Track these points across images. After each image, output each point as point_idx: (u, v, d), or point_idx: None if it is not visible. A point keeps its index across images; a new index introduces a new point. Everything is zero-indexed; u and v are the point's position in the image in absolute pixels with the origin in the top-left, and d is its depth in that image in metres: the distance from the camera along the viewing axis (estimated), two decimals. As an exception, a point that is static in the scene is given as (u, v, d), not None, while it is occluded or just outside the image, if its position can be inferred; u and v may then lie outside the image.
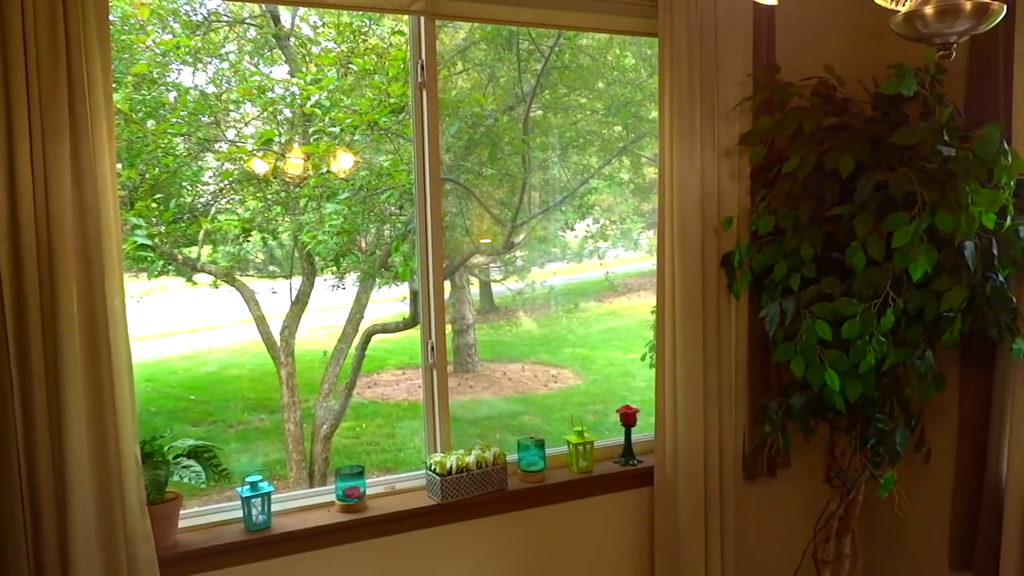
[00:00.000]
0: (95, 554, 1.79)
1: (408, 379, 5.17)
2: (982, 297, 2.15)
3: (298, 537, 2.10)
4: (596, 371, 5.70)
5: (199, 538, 2.05)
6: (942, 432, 2.52)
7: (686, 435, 2.44)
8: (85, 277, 1.78)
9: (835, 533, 2.50)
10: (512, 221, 4.18)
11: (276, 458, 4.32)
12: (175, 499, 2.00)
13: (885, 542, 2.78)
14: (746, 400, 2.56)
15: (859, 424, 2.34)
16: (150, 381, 4.89)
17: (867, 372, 2.14)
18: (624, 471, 2.55)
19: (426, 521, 2.27)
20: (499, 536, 2.39)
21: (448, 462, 2.28)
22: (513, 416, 5.08)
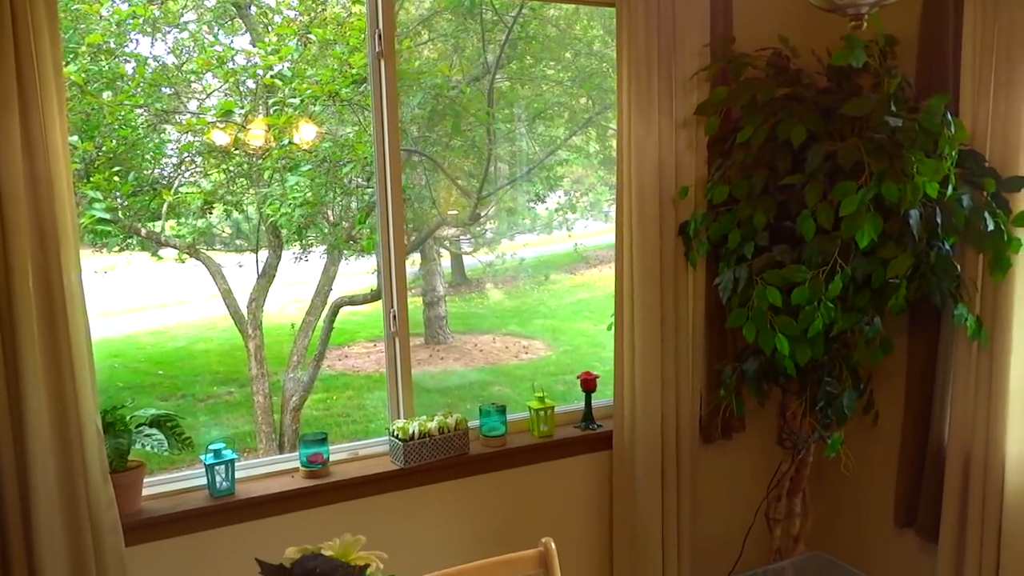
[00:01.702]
0: (58, 521, 1.81)
1: (379, 351, 5.19)
2: (927, 265, 2.22)
3: (262, 502, 2.14)
4: (566, 342, 5.77)
5: (163, 505, 2.08)
6: (890, 395, 2.61)
7: (644, 400, 2.51)
8: (40, 250, 1.78)
9: (786, 493, 2.59)
10: (478, 192, 4.20)
11: (246, 430, 4.34)
12: (138, 467, 2.03)
13: (834, 501, 2.89)
14: (702, 366, 2.63)
15: (809, 387, 2.42)
16: (117, 357, 4.87)
17: (816, 337, 2.21)
18: (584, 435, 2.61)
19: (389, 485, 2.32)
20: (461, 499, 2.45)
21: (411, 428, 2.32)
22: (483, 386, 5.14)
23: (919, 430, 2.49)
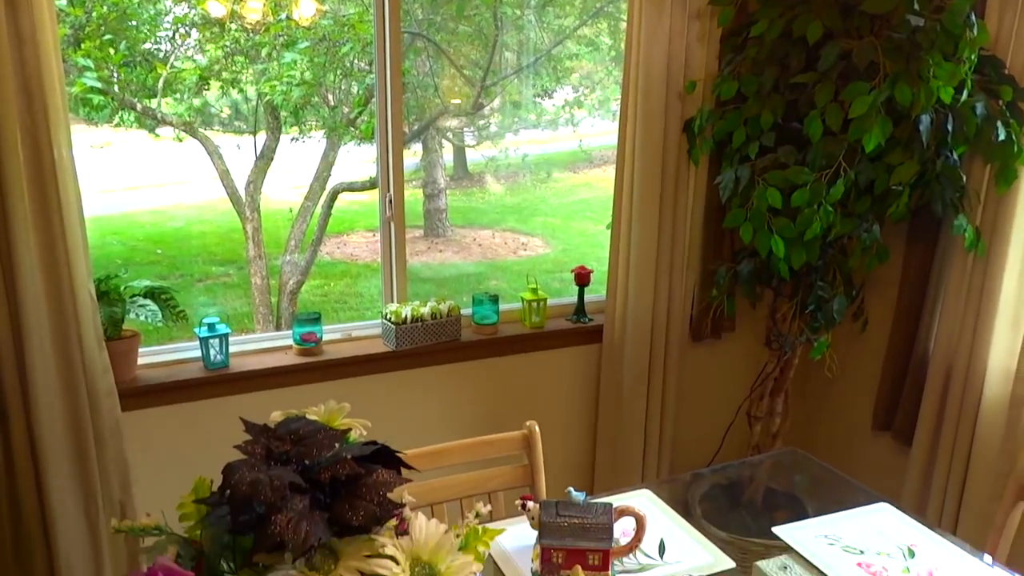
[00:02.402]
0: (55, 384, 1.85)
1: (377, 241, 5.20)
2: (932, 173, 2.19)
3: (255, 376, 2.19)
4: (565, 241, 5.76)
5: (158, 374, 2.13)
6: (881, 303, 2.63)
7: (636, 296, 2.52)
8: (28, 114, 1.74)
9: (769, 392, 2.65)
10: (482, 82, 4.09)
11: (244, 312, 4.40)
12: (133, 336, 2.06)
13: (815, 403, 2.96)
14: (697, 265, 2.63)
15: (801, 291, 2.44)
16: (116, 235, 4.88)
17: (813, 241, 2.20)
18: (575, 328, 2.64)
19: (381, 366, 2.37)
20: (451, 383, 2.50)
21: (403, 312, 2.35)
22: (480, 280, 5.17)
23: (905, 338, 2.52)
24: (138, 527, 0.73)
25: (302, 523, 0.68)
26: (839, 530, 1.52)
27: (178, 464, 2.14)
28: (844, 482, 1.76)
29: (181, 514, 0.80)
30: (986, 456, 2.21)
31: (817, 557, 1.43)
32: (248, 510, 0.70)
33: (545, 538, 1.36)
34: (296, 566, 0.69)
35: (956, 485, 2.29)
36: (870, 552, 1.45)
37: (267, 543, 0.67)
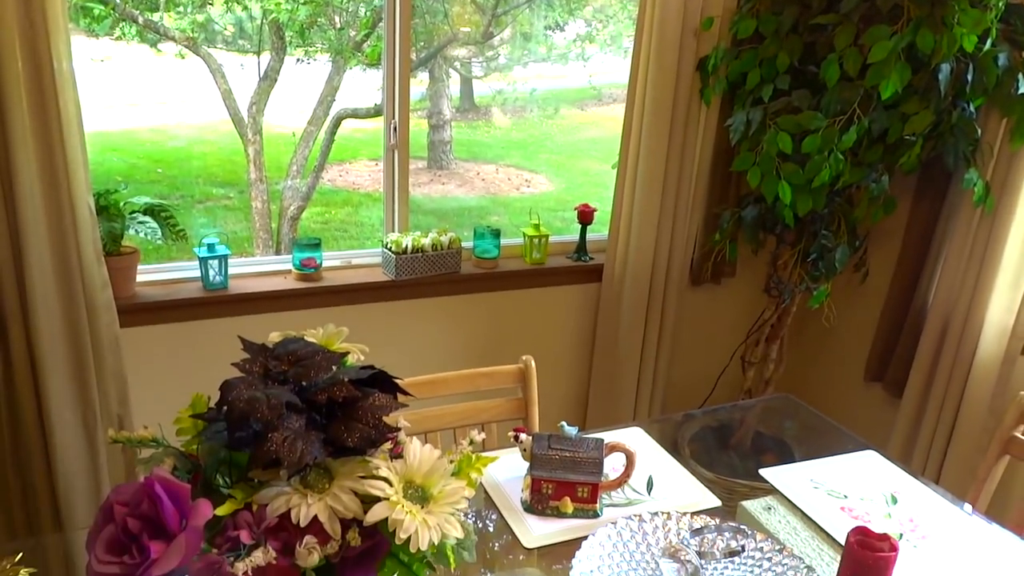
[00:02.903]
0: (53, 297, 1.85)
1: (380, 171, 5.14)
2: (947, 124, 2.15)
3: (254, 299, 2.19)
4: (569, 179, 5.71)
5: (157, 292, 2.13)
6: (883, 255, 2.62)
7: (638, 237, 2.51)
8: (26, 19, 1.69)
9: (765, 339, 2.66)
10: (493, 10, 3.99)
11: (243, 236, 4.38)
12: (132, 253, 2.06)
13: (810, 351, 2.98)
14: (701, 208, 2.61)
15: (804, 239, 2.42)
16: (116, 151, 4.82)
17: (820, 188, 2.18)
18: (575, 266, 2.64)
19: (380, 295, 2.37)
20: (449, 315, 2.51)
21: (404, 241, 2.34)
22: (482, 214, 5.14)
23: (905, 291, 2.52)
24: (135, 439, 0.74)
25: (298, 442, 0.68)
26: (824, 475, 1.55)
27: (175, 382, 2.16)
28: (833, 429, 1.78)
29: (178, 429, 0.80)
30: (975, 410, 2.24)
31: (801, 500, 1.46)
32: (245, 427, 0.70)
33: (536, 470, 1.38)
34: (291, 483, 0.70)
35: (943, 437, 2.33)
36: (853, 497, 1.48)
37: (263, 460, 0.68)
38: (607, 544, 1.25)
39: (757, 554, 1.24)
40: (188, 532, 0.62)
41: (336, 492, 0.70)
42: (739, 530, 1.24)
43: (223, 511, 0.67)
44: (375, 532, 0.71)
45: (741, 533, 1.24)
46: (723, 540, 1.23)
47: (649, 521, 1.29)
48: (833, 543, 1.33)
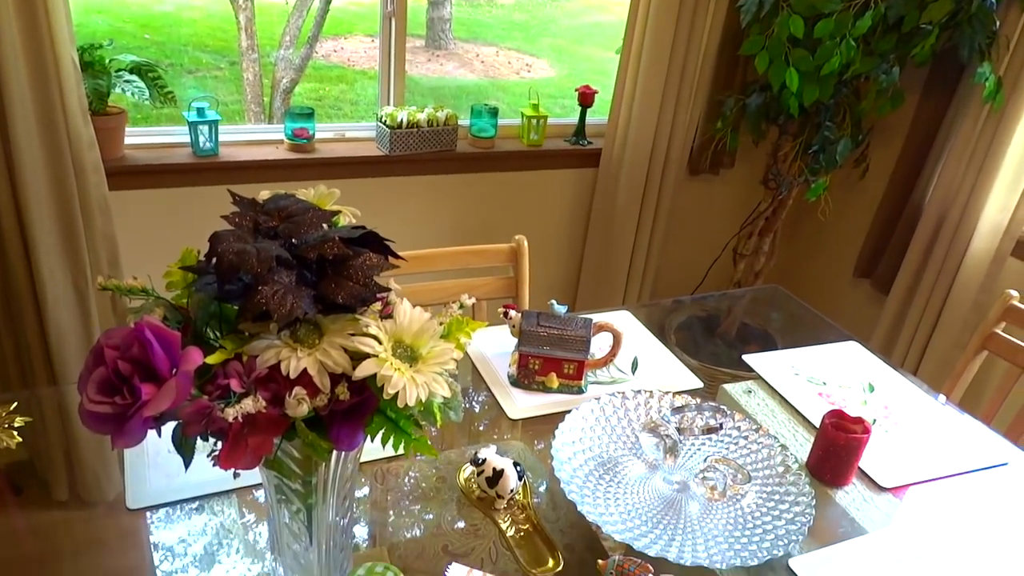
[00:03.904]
0: (39, 154, 1.81)
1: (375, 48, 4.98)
2: (965, 14, 2.07)
3: (245, 167, 2.16)
4: (571, 65, 5.55)
5: (146, 156, 2.09)
6: (885, 151, 2.59)
7: (639, 122, 2.45)
8: None
9: (758, 232, 2.66)
10: None
11: (235, 109, 4.27)
12: (120, 114, 2.00)
13: (802, 246, 2.98)
14: (705, 94, 2.55)
15: (807, 130, 2.38)
16: (101, 13, 4.62)
17: (828, 77, 2.12)
18: (573, 150, 2.60)
19: (373, 170, 2.34)
20: (443, 194, 2.48)
21: (399, 116, 2.28)
22: (479, 96, 5.01)
23: (903, 188, 2.51)
24: (124, 287, 0.74)
25: (288, 296, 0.68)
26: (805, 362, 1.58)
27: (166, 247, 2.15)
28: (819, 321, 1.81)
29: (168, 282, 0.80)
30: (959, 307, 2.27)
31: (781, 384, 1.49)
32: (234, 280, 0.70)
33: (524, 345, 1.40)
34: (281, 337, 0.71)
35: (925, 332, 2.37)
36: (832, 384, 1.52)
37: (252, 312, 0.68)
38: (589, 418, 1.28)
39: (734, 432, 1.28)
40: (179, 377, 0.62)
41: (326, 348, 0.71)
42: (718, 410, 1.27)
43: (213, 360, 0.68)
44: (364, 388, 0.72)
45: (720, 412, 1.27)
46: (702, 419, 1.26)
47: (632, 398, 1.32)
48: (809, 426, 1.38)
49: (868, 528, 1.15)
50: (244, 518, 1.06)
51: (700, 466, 1.20)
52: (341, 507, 0.88)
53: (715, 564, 1.00)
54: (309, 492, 0.83)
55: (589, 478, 1.17)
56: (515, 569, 1.01)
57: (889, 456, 1.31)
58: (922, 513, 1.20)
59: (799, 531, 1.06)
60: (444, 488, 1.14)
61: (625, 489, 1.17)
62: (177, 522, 1.04)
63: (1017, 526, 1.19)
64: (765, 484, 1.18)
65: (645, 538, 1.05)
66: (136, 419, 0.61)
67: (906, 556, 1.10)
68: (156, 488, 1.08)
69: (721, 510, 1.14)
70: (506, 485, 1.09)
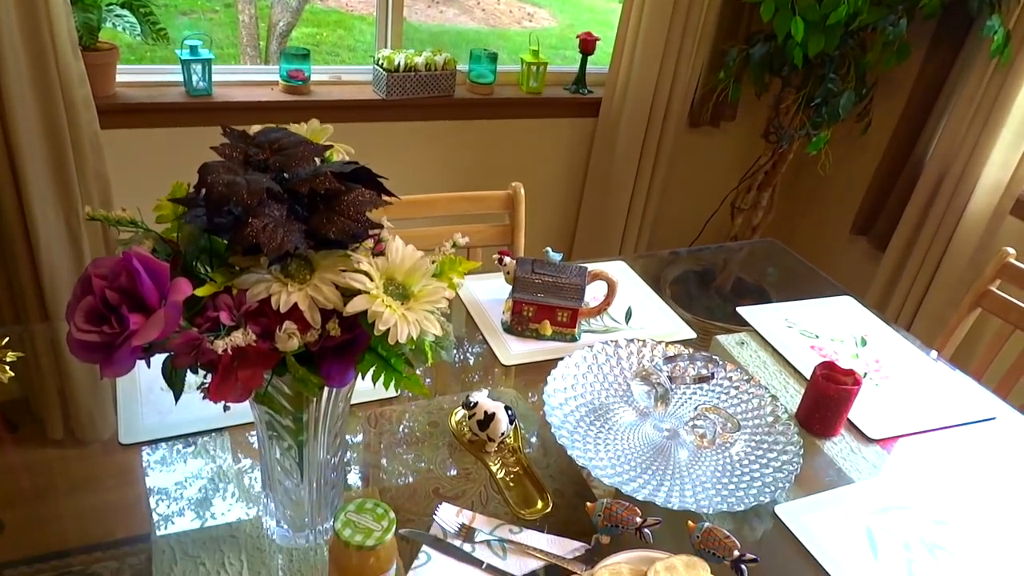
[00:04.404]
0: (28, 89, 1.78)
1: (374, -11, 4.87)
2: (977, -35, 2.03)
3: (239, 108, 2.12)
4: (574, 16, 5.44)
5: (139, 94, 2.05)
6: (888, 108, 2.55)
7: (640, 72, 2.41)
8: None
9: (757, 186, 2.64)
10: None
11: (230, 53, 4.19)
12: (111, 50, 1.96)
13: (800, 202, 2.97)
14: (708, 44, 2.50)
15: (811, 83, 2.34)
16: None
17: (835, 27, 2.08)
18: (573, 98, 2.56)
19: (369, 115, 2.30)
20: (441, 140, 2.45)
21: (396, 59, 2.24)
22: (479, 44, 4.93)
23: (905, 144, 2.48)
24: (113, 217, 0.72)
25: (278, 229, 0.67)
26: (799, 315, 1.58)
27: (158, 188, 2.10)
28: (814, 277, 1.80)
29: (158, 216, 0.79)
30: (955, 265, 2.27)
31: (774, 336, 1.50)
32: (223, 212, 0.69)
33: (518, 292, 1.40)
34: (271, 272, 0.70)
35: (919, 290, 2.37)
36: (824, 337, 1.52)
37: (242, 244, 0.67)
38: (582, 365, 1.28)
39: (725, 382, 1.29)
40: (167, 307, 0.62)
41: (317, 283, 0.70)
42: (710, 359, 1.27)
43: (203, 292, 0.67)
44: (355, 325, 0.72)
45: (712, 363, 1.27)
46: (694, 368, 1.26)
47: (624, 347, 1.33)
48: (800, 378, 1.39)
49: (855, 478, 1.16)
50: (240, 463, 1.07)
51: (690, 414, 1.20)
52: (332, 445, 0.89)
53: (702, 509, 1.01)
54: (300, 429, 0.84)
55: (580, 424, 1.18)
56: (505, 512, 1.02)
57: (878, 409, 1.32)
58: (909, 464, 1.21)
59: (786, 479, 1.08)
60: (436, 433, 1.15)
61: (615, 435, 1.18)
62: (173, 464, 1.05)
63: (1002, 478, 1.20)
64: (754, 433, 1.19)
65: (634, 483, 1.06)
66: (124, 349, 0.61)
67: (891, 505, 1.12)
68: (149, 424, 1.09)
69: (710, 457, 1.15)
70: (497, 428, 1.10)
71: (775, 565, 1.00)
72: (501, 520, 1.00)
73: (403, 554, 0.93)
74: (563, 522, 1.01)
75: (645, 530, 0.97)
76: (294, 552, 0.93)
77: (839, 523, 1.07)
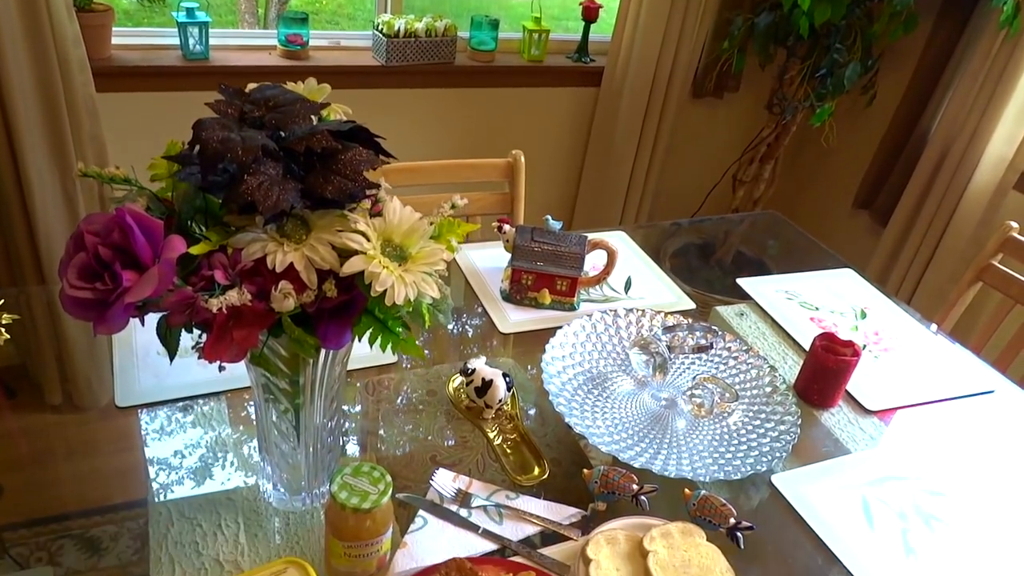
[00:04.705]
0: (23, 51, 1.75)
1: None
2: (988, -66, 1.99)
3: (236, 73, 2.09)
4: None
5: (134, 57, 2.02)
6: (893, 80, 2.52)
7: (643, 40, 2.38)
8: None
9: (760, 158, 2.62)
10: None
11: (229, 20, 4.14)
12: (106, 11, 1.93)
13: (802, 175, 2.95)
14: (713, 13, 2.47)
15: (816, 53, 2.31)
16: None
17: (841, -4, 2.05)
18: (575, 67, 2.53)
19: (370, 81, 2.27)
20: (440, 108, 2.43)
21: (396, 24, 2.21)
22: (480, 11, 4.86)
23: (910, 117, 2.46)
24: (106, 174, 0.71)
25: (274, 187, 0.66)
26: (799, 287, 1.57)
27: (154, 153, 2.11)
28: (815, 248, 1.79)
29: (152, 175, 0.78)
30: (957, 239, 2.26)
31: (773, 308, 1.49)
32: (218, 169, 0.68)
33: (517, 260, 1.39)
34: (267, 231, 0.69)
35: (920, 264, 2.37)
36: (825, 310, 1.51)
37: (237, 203, 0.66)
38: (581, 334, 1.28)
39: (724, 352, 1.28)
40: (161, 264, 0.61)
41: (313, 243, 0.69)
42: (710, 330, 1.27)
43: (198, 250, 0.66)
44: (352, 287, 0.71)
45: (711, 333, 1.27)
46: (693, 338, 1.26)
47: (624, 316, 1.32)
48: (799, 349, 1.38)
49: (852, 449, 1.16)
50: (238, 432, 1.06)
51: (688, 384, 1.20)
52: (328, 409, 0.88)
53: (699, 477, 1.01)
54: (296, 392, 0.83)
55: (578, 392, 1.17)
56: (502, 480, 1.02)
57: (877, 380, 1.32)
58: (906, 436, 1.21)
59: (783, 449, 1.07)
60: (434, 402, 1.15)
61: (613, 404, 1.18)
62: (173, 433, 1.04)
63: (999, 451, 1.20)
64: (752, 403, 1.19)
65: (631, 451, 1.06)
66: (118, 306, 0.60)
67: (888, 475, 1.12)
68: (145, 387, 1.08)
69: (707, 427, 1.15)
70: (494, 395, 1.09)
71: (771, 534, 1.00)
72: (498, 486, 1.00)
73: (400, 519, 0.93)
74: (559, 491, 1.01)
75: (641, 497, 0.97)
76: (291, 516, 0.93)
77: (835, 493, 1.07)
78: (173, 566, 0.85)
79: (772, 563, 0.96)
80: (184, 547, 0.87)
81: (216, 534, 0.89)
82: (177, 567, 0.85)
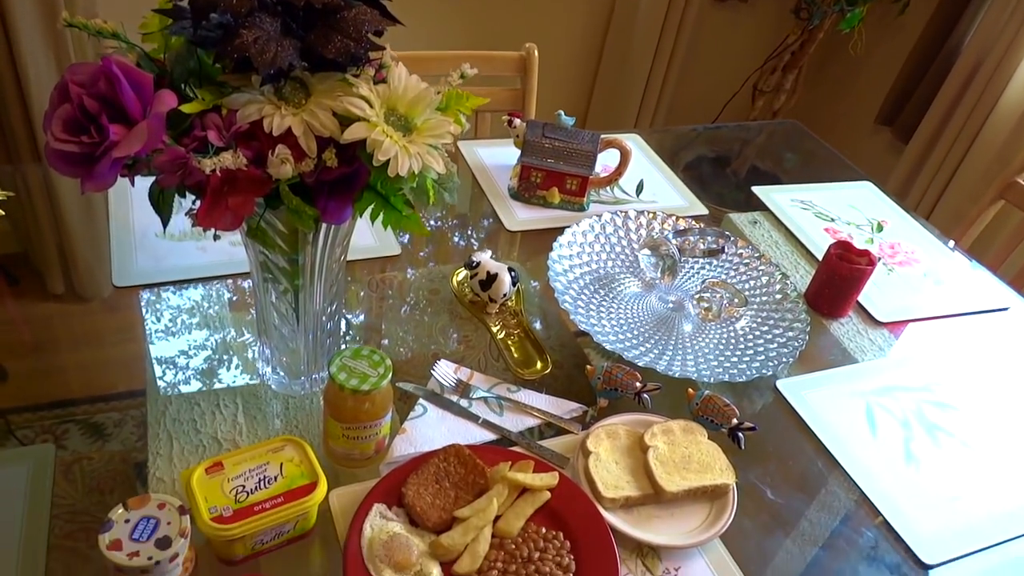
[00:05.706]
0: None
1: None
2: None
3: None
4: None
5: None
6: (929, -10, 2.40)
7: (669, -67, 2.26)
8: None
9: (783, 67, 2.52)
10: None
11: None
12: None
13: (824, 87, 2.84)
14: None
15: (851, -45, 2.19)
16: None
17: None
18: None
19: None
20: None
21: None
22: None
23: (942, 29, 2.35)
24: (93, 26, 0.66)
25: (271, 44, 0.62)
26: (816, 198, 1.53)
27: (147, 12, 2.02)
28: (834, 160, 1.73)
29: (144, 35, 0.73)
30: (982, 157, 2.19)
31: (787, 217, 1.45)
32: (211, 22, 0.63)
33: (527, 156, 1.34)
34: (264, 92, 0.65)
35: (941, 182, 2.30)
36: (841, 221, 1.47)
37: (231, 57, 0.61)
38: (589, 234, 1.25)
39: (735, 258, 1.25)
40: (150, 119, 0.57)
41: (313, 108, 0.65)
42: (722, 235, 1.24)
43: (190, 108, 0.62)
44: (353, 159, 0.67)
45: (723, 238, 1.23)
46: (705, 242, 1.23)
47: (634, 218, 1.28)
48: (812, 259, 1.35)
49: (860, 359, 1.15)
50: (243, 337, 1.04)
51: (697, 288, 1.18)
52: (329, 293, 0.86)
53: (703, 378, 1.00)
54: (296, 272, 0.81)
55: (584, 291, 1.15)
56: (504, 376, 1.00)
57: (890, 293, 1.29)
58: (915, 348, 1.19)
59: (790, 354, 1.06)
60: (437, 300, 1.12)
61: (619, 304, 1.15)
62: (177, 334, 1.03)
63: (1010, 367, 1.19)
64: (761, 309, 1.17)
65: (636, 350, 1.04)
66: (105, 161, 0.56)
67: (894, 385, 1.10)
68: (143, 268, 1.06)
69: (714, 330, 1.13)
70: (499, 289, 1.07)
71: (772, 437, 0.99)
72: (499, 379, 0.99)
73: (400, 409, 0.92)
74: (561, 391, 0.99)
75: (644, 395, 0.96)
76: (290, 400, 0.92)
77: (839, 399, 1.06)
78: (171, 442, 0.84)
79: (772, 464, 0.96)
80: (182, 424, 0.86)
81: (215, 413, 0.88)
82: (175, 443, 0.84)
